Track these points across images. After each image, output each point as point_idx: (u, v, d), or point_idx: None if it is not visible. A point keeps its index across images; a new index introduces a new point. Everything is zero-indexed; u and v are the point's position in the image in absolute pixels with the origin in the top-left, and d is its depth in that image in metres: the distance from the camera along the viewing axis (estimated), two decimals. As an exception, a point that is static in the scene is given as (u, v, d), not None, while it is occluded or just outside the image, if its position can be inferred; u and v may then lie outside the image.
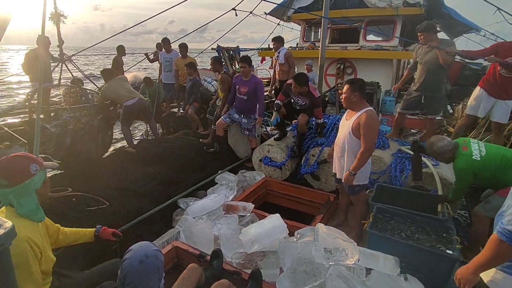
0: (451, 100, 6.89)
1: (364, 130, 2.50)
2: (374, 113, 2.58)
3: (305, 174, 3.88)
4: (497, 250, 1.37)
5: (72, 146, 3.98)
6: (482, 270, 1.51)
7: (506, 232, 1.31)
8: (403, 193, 2.96)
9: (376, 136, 2.59)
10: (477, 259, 1.48)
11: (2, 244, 0.87)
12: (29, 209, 1.51)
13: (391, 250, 2.11)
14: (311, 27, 7.96)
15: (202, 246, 2.47)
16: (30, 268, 1.43)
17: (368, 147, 2.51)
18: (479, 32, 6.72)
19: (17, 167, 1.48)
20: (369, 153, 2.55)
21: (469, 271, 1.51)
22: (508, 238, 1.30)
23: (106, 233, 2.01)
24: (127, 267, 1.27)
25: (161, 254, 1.37)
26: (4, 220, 0.94)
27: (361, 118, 2.53)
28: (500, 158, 2.43)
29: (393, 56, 6.45)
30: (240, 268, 2.17)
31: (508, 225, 1.31)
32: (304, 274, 1.95)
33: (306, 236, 2.33)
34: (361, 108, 2.58)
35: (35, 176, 1.52)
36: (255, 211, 3.02)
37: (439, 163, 3.41)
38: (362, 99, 2.61)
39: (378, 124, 2.64)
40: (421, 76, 3.90)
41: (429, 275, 2.06)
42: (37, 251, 1.49)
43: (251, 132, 4.41)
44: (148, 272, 1.28)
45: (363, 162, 2.55)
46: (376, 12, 6.33)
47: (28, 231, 1.48)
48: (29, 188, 1.50)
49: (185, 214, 2.99)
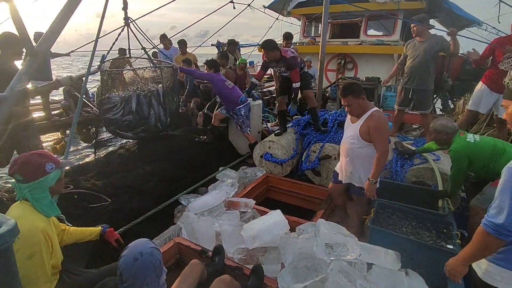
0: (452, 95, 6.86)
1: (376, 134, 2.41)
2: (381, 112, 2.50)
3: (306, 170, 3.89)
4: (484, 242, 1.40)
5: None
6: (470, 261, 1.56)
7: (491, 224, 1.34)
8: (404, 189, 2.97)
9: (388, 135, 2.50)
10: (466, 251, 1.52)
11: (6, 241, 0.88)
12: (43, 204, 1.57)
13: (392, 245, 2.12)
14: (312, 22, 7.91)
15: (204, 242, 2.48)
16: (43, 259, 1.47)
17: (384, 150, 2.42)
18: (480, 26, 6.67)
19: (33, 164, 1.54)
20: (386, 155, 2.45)
21: (458, 262, 1.56)
22: (494, 230, 1.33)
23: (111, 235, 2.03)
24: (122, 264, 1.29)
25: (158, 251, 1.37)
26: (7, 217, 0.94)
27: (369, 122, 2.43)
28: (492, 146, 2.52)
29: (394, 51, 6.41)
30: (242, 264, 2.19)
31: (492, 218, 1.34)
32: (306, 270, 1.96)
33: (307, 232, 2.34)
34: (368, 108, 2.49)
35: (50, 174, 1.57)
36: (256, 207, 3.03)
37: (440, 158, 3.42)
38: (366, 99, 2.52)
39: (387, 123, 2.53)
40: (410, 70, 3.92)
41: (430, 270, 2.07)
42: (49, 243, 1.54)
43: (241, 128, 4.44)
44: (143, 269, 1.28)
45: (381, 166, 2.46)
46: (377, 7, 6.28)
47: (43, 223, 1.54)
48: (43, 185, 1.56)
49: (187, 210, 3.00)
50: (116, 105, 3.95)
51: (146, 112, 4.08)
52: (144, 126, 4.13)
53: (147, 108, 4.08)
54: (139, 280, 1.28)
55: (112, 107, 3.95)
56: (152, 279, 1.30)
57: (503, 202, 1.32)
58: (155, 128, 4.25)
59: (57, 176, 1.63)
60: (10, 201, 2.52)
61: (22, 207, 1.54)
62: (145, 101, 4.06)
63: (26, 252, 1.41)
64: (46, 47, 1.93)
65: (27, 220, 1.46)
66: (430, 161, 3.25)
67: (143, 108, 4.06)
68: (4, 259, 0.90)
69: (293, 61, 3.80)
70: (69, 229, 1.92)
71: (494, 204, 1.36)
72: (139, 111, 4.04)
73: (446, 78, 6.76)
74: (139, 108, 4.03)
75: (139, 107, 4.04)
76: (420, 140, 4.10)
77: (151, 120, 4.14)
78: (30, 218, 1.49)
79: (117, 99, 3.94)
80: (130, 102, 3.98)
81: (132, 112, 3.98)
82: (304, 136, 4.17)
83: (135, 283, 1.27)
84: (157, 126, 4.25)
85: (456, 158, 2.60)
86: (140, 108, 4.04)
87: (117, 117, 3.96)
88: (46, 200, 1.58)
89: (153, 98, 4.11)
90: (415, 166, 3.33)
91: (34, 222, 1.49)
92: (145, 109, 4.07)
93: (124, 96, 3.98)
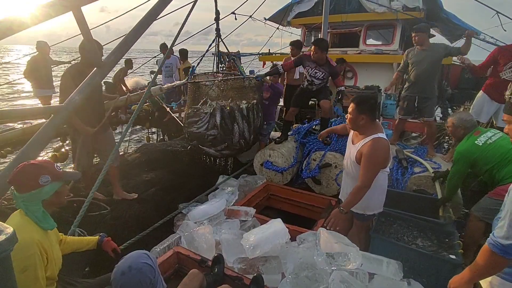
0: (452, 104, 6.90)
1: (364, 162, 2.13)
2: (381, 141, 2.15)
3: (306, 178, 3.88)
4: (490, 261, 1.36)
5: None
6: (476, 280, 1.51)
7: (498, 244, 1.29)
8: (405, 197, 2.96)
9: (378, 171, 2.16)
10: (471, 269, 1.47)
11: (5, 250, 0.87)
12: (35, 217, 1.51)
13: (394, 255, 2.10)
14: (311, 32, 8.01)
15: (204, 252, 2.45)
16: (36, 273, 1.43)
17: (365, 183, 2.12)
18: (478, 35, 6.74)
19: (26, 176, 1.48)
20: (365, 190, 2.13)
21: (463, 281, 1.50)
22: (500, 251, 1.29)
23: (108, 245, 2.00)
24: (112, 275, 1.29)
25: (150, 268, 1.33)
26: (5, 225, 0.93)
27: (364, 148, 2.15)
28: (504, 151, 2.42)
29: (394, 60, 6.46)
30: (241, 274, 2.16)
31: (499, 238, 1.29)
32: (306, 280, 1.94)
33: (308, 241, 2.32)
34: (370, 133, 2.19)
35: (44, 187, 1.50)
36: (256, 216, 3.01)
37: (441, 166, 3.41)
38: (372, 122, 2.21)
39: (382, 156, 2.15)
40: (414, 78, 3.89)
41: (432, 280, 2.04)
42: (44, 257, 1.49)
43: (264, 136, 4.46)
44: (129, 284, 1.26)
45: (357, 198, 2.16)
46: (375, 17, 6.37)
47: (39, 235, 1.49)
48: (36, 198, 1.50)
49: (186, 219, 2.98)
50: (201, 119, 3.72)
51: (230, 127, 3.74)
52: (228, 142, 3.80)
53: (230, 123, 3.74)
54: None
55: (197, 121, 3.74)
56: None
57: (511, 221, 1.27)
58: (238, 145, 3.88)
59: (54, 189, 1.54)
60: (10, 209, 2.50)
61: (20, 217, 1.50)
62: (229, 115, 3.72)
63: (20, 265, 1.36)
64: (113, 60, 1.95)
65: (22, 231, 1.39)
66: (430, 170, 3.25)
67: (226, 122, 3.72)
68: (3, 268, 0.89)
69: (339, 70, 3.77)
70: (66, 239, 1.90)
71: (500, 224, 1.31)
72: (223, 125, 3.72)
73: (446, 87, 6.81)
74: (223, 122, 3.70)
75: (223, 121, 3.71)
76: (420, 148, 4.10)
77: (235, 136, 3.78)
78: (26, 230, 1.44)
79: (205, 111, 3.70)
80: (215, 115, 3.67)
81: (217, 126, 3.68)
82: (304, 145, 4.18)
83: None
84: (240, 143, 3.88)
85: (457, 160, 2.55)
86: (224, 122, 3.71)
87: (201, 131, 3.71)
88: (38, 213, 1.51)
89: (237, 113, 3.75)
90: (416, 175, 3.32)
91: (29, 234, 1.44)
92: (229, 123, 3.73)
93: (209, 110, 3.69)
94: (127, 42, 1.99)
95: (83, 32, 1.77)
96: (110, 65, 1.92)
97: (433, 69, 3.78)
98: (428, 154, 3.81)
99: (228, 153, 3.97)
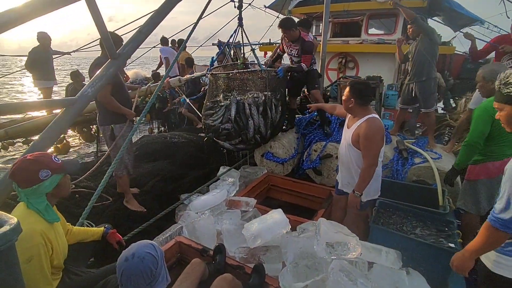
0: (453, 94, 6.85)
1: (363, 142, 2.24)
2: (376, 121, 2.27)
3: (307, 169, 3.89)
4: (493, 237, 1.43)
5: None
6: (477, 255, 1.57)
7: (499, 220, 1.37)
8: (405, 187, 2.97)
9: (378, 148, 2.26)
10: (473, 246, 1.54)
11: (9, 240, 0.88)
12: (38, 209, 1.52)
13: (393, 244, 2.12)
14: (312, 21, 7.90)
15: (205, 241, 2.48)
16: (41, 263, 1.45)
17: (370, 163, 2.23)
18: (482, 24, 6.64)
19: (25, 172, 1.48)
20: (372, 169, 2.26)
21: (464, 257, 1.57)
22: (501, 226, 1.37)
23: (113, 237, 2.03)
24: (118, 260, 1.32)
25: (152, 258, 1.33)
26: (10, 216, 0.95)
27: (360, 129, 2.26)
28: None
29: (396, 50, 6.39)
30: (243, 263, 2.19)
31: (500, 214, 1.37)
32: (306, 269, 1.96)
33: (308, 231, 2.34)
34: (362, 115, 2.32)
35: (44, 181, 1.51)
36: (257, 206, 3.04)
37: (441, 156, 3.41)
38: (361, 107, 2.33)
39: (380, 134, 2.25)
40: (412, 67, 3.95)
41: (431, 269, 2.07)
42: (49, 246, 1.51)
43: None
44: (131, 272, 1.28)
45: (367, 179, 2.28)
46: (378, 6, 6.26)
47: (43, 226, 1.51)
48: (38, 192, 1.51)
49: (188, 209, 3.01)
50: (217, 111, 3.70)
51: (244, 122, 3.67)
52: (242, 137, 3.74)
53: (245, 117, 3.66)
54: (129, 281, 1.27)
55: (212, 113, 3.74)
56: (142, 286, 1.28)
57: (510, 197, 1.34)
58: (253, 140, 3.78)
59: (55, 182, 1.55)
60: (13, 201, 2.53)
61: (23, 208, 1.52)
62: (244, 110, 3.65)
63: (25, 255, 1.38)
64: (128, 51, 1.94)
65: (26, 222, 1.40)
66: (429, 160, 3.25)
67: (241, 117, 3.66)
68: (8, 258, 0.91)
69: (309, 45, 3.68)
70: (73, 229, 1.92)
71: (500, 200, 1.38)
72: (237, 120, 3.65)
73: (448, 77, 6.74)
74: (237, 116, 3.64)
75: (238, 115, 3.64)
76: (421, 138, 4.09)
77: (250, 131, 3.68)
78: (29, 221, 1.45)
79: (221, 104, 3.68)
80: (230, 109, 3.63)
81: (231, 120, 3.63)
82: (305, 136, 4.18)
83: (126, 282, 1.27)
84: (255, 139, 3.78)
85: (477, 116, 2.31)
86: (238, 116, 3.65)
87: (216, 124, 3.69)
88: (41, 206, 1.52)
89: (254, 107, 3.65)
90: (416, 165, 3.33)
91: (33, 225, 1.46)
92: (243, 118, 3.66)
93: (225, 103, 3.67)
94: (142, 33, 1.97)
95: (97, 23, 1.74)
96: (125, 56, 1.90)
97: (427, 53, 3.76)
98: (429, 145, 3.81)
99: (244, 147, 3.94)
